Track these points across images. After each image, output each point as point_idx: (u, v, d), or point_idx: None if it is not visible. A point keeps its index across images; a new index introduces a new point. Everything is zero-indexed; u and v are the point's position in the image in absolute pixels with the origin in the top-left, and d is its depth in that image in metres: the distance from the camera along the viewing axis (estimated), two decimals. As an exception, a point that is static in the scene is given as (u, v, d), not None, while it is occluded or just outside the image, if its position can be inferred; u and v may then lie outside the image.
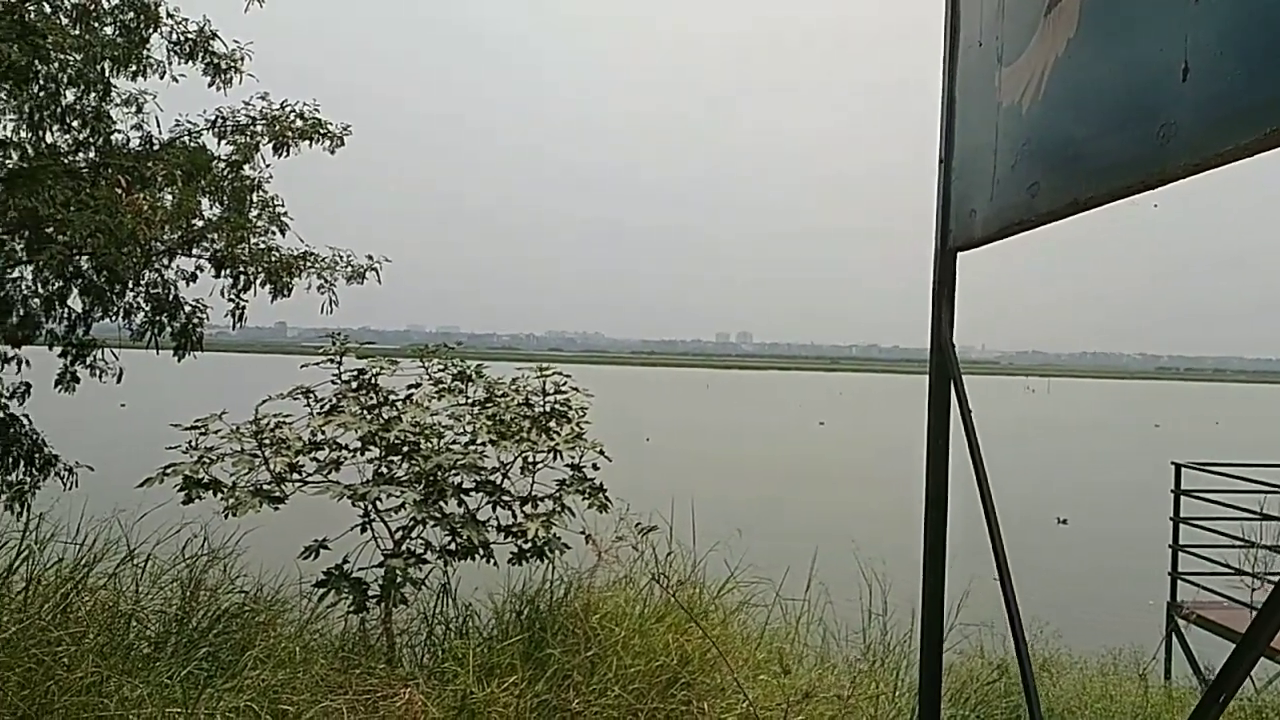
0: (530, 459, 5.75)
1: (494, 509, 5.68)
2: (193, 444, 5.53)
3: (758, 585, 5.84)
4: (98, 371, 10.72)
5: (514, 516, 5.64)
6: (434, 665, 5.15)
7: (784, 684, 5.01)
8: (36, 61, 9.68)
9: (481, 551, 5.57)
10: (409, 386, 6.07)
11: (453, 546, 5.53)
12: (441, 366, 6.21)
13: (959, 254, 3.13)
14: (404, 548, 5.52)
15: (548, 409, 5.99)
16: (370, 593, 5.35)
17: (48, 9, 9.69)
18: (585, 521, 5.61)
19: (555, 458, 5.80)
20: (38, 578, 4.71)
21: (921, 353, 3.25)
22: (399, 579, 5.32)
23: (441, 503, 5.56)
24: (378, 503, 5.43)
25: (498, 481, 5.75)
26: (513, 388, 6.11)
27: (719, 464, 31.62)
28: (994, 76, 2.75)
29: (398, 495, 5.37)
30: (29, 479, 10.11)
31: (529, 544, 5.48)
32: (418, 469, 5.55)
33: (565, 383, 6.11)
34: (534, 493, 5.72)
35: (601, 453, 5.79)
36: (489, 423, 5.74)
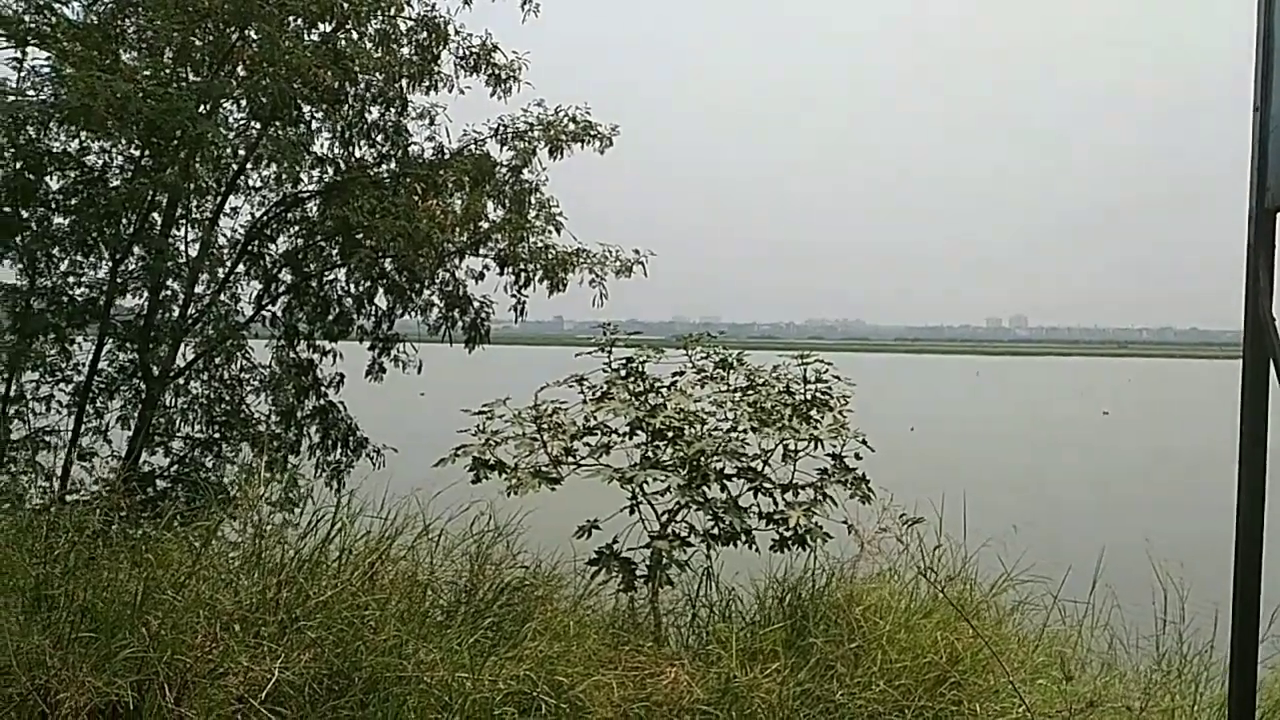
0: (791, 447, 5.75)
1: (755, 495, 5.72)
2: (480, 428, 5.98)
3: (1034, 585, 5.49)
4: (401, 363, 11.90)
5: (775, 504, 5.66)
6: (698, 646, 5.26)
7: (1065, 690, 4.68)
8: (347, 84, 10.83)
9: (744, 537, 5.63)
10: (673, 374, 6.24)
11: (715, 531, 5.63)
12: (704, 355, 6.33)
13: (1280, 214, 2.75)
14: (669, 530, 5.68)
15: (809, 397, 5.96)
16: (638, 572, 5.57)
17: (354, 35, 10.79)
18: (847, 511, 5.53)
19: (816, 446, 5.76)
20: (349, 548, 5.24)
21: (1223, 335, 2.90)
22: (665, 560, 5.50)
23: (705, 487, 5.68)
24: (644, 485, 5.63)
25: (759, 468, 5.79)
26: (774, 375, 6.13)
27: (990, 456, 29.96)
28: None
29: (663, 479, 5.55)
30: (344, 459, 11.39)
31: (790, 531, 5.49)
32: (682, 454, 5.70)
33: (826, 370, 6.05)
34: (795, 481, 5.71)
35: (864, 442, 5.69)
36: (750, 410, 5.79)
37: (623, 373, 6.17)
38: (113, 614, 4.17)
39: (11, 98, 9.64)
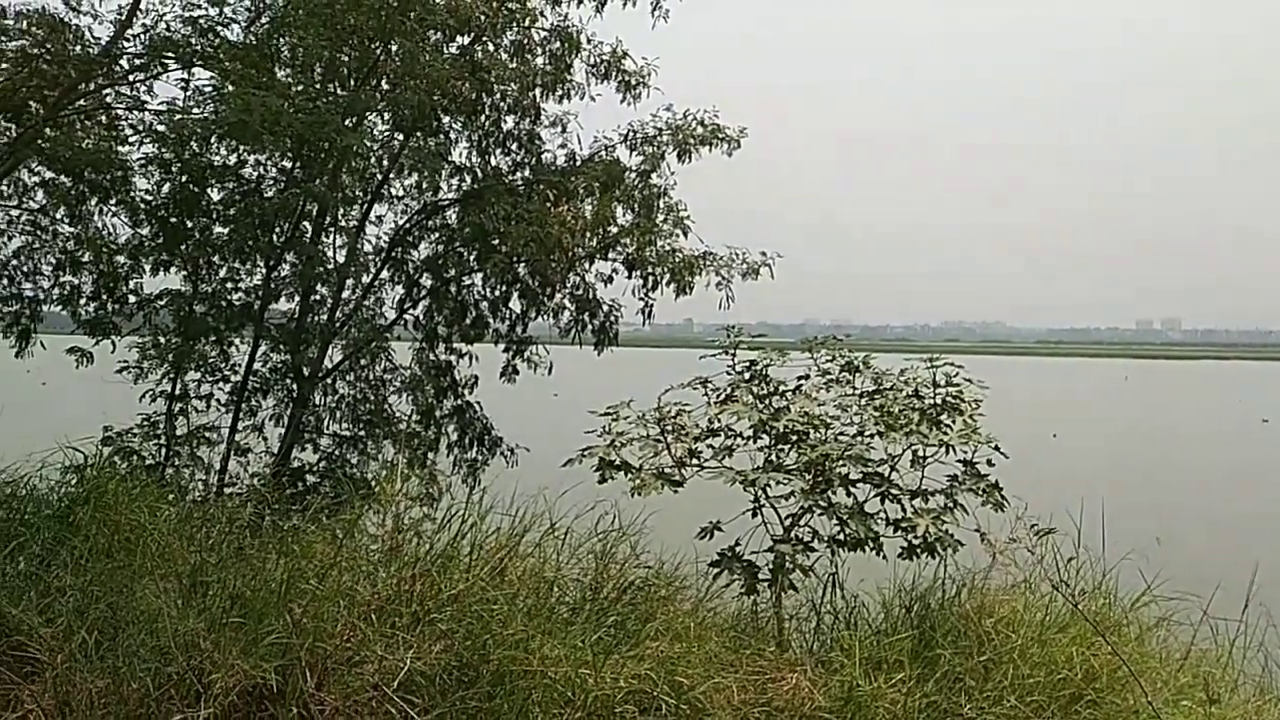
0: (919, 452, 5.62)
1: (882, 501, 5.62)
2: (606, 429, 6.08)
3: (1180, 601, 5.19)
4: (533, 365, 12.21)
5: (903, 510, 5.53)
6: (821, 653, 5.19)
7: (1211, 714, 4.41)
8: (484, 95, 11.20)
9: (870, 544, 5.54)
10: (798, 378, 6.18)
11: (841, 536, 5.56)
12: (829, 358, 6.25)
13: None
14: (792, 534, 5.64)
15: (938, 401, 5.80)
16: (760, 576, 5.55)
17: (490, 47, 11.13)
18: (978, 520, 5.36)
19: (947, 452, 5.61)
20: (480, 544, 5.40)
21: None
22: (788, 565, 5.46)
23: (829, 492, 5.61)
24: (767, 489, 5.60)
25: (885, 474, 5.67)
26: (901, 379, 6.00)
27: (1136, 465, 28.34)
28: None
29: (786, 483, 5.51)
30: (479, 457, 11.77)
31: (919, 539, 5.36)
32: (806, 458, 5.65)
33: (957, 374, 5.88)
34: (924, 487, 5.58)
35: (997, 448, 5.50)
36: (876, 414, 5.69)
37: (746, 375, 6.16)
38: (260, 601, 4.43)
39: (178, 115, 10.36)
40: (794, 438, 5.80)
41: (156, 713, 3.91)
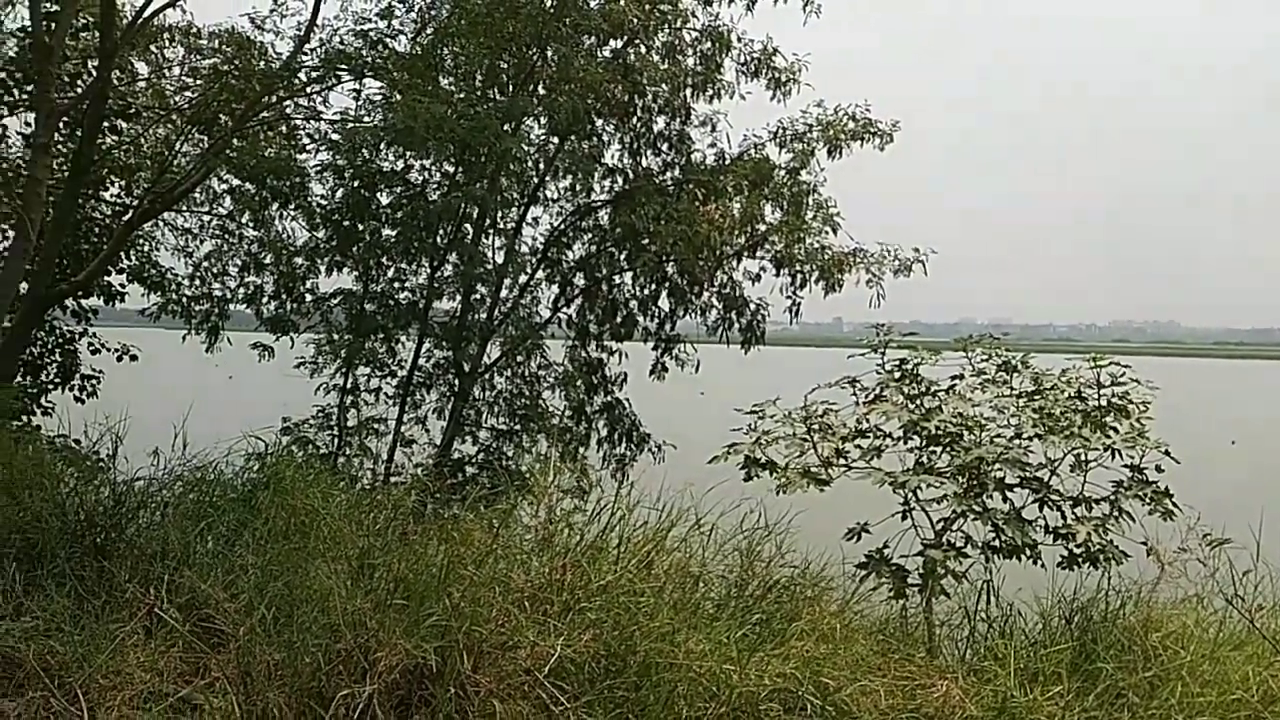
0: (1082, 456, 5.37)
1: (1040, 508, 5.40)
2: (752, 427, 6.09)
3: (1378, 621, 4.78)
4: (680, 362, 12.34)
5: (1062, 517, 5.31)
6: (974, 662, 5.04)
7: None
8: (635, 97, 11.39)
9: (1028, 552, 5.34)
10: (951, 377, 6.02)
11: (996, 543, 5.38)
12: (985, 357, 6.05)
13: None
14: (944, 539, 5.50)
15: (1103, 402, 5.53)
16: (910, 580, 5.43)
17: (642, 50, 11.31)
18: (1145, 529, 5.08)
19: (1112, 456, 5.34)
20: (628, 537, 5.50)
21: None
22: (939, 570, 5.32)
23: (984, 497, 5.44)
24: (918, 492, 5.48)
25: (1045, 479, 5.45)
26: (1063, 379, 5.74)
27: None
28: None
29: (938, 486, 5.38)
30: (628, 453, 11.99)
31: (1079, 548, 5.13)
32: (959, 461, 5.49)
33: (1124, 373, 5.58)
34: (1085, 493, 5.33)
35: (1167, 453, 5.19)
36: (1035, 416, 5.47)
37: (896, 375, 6.04)
38: (422, 584, 4.65)
39: (351, 124, 11.01)
40: (947, 439, 5.65)
41: (326, 686, 4.16)
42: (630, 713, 4.17)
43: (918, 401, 5.87)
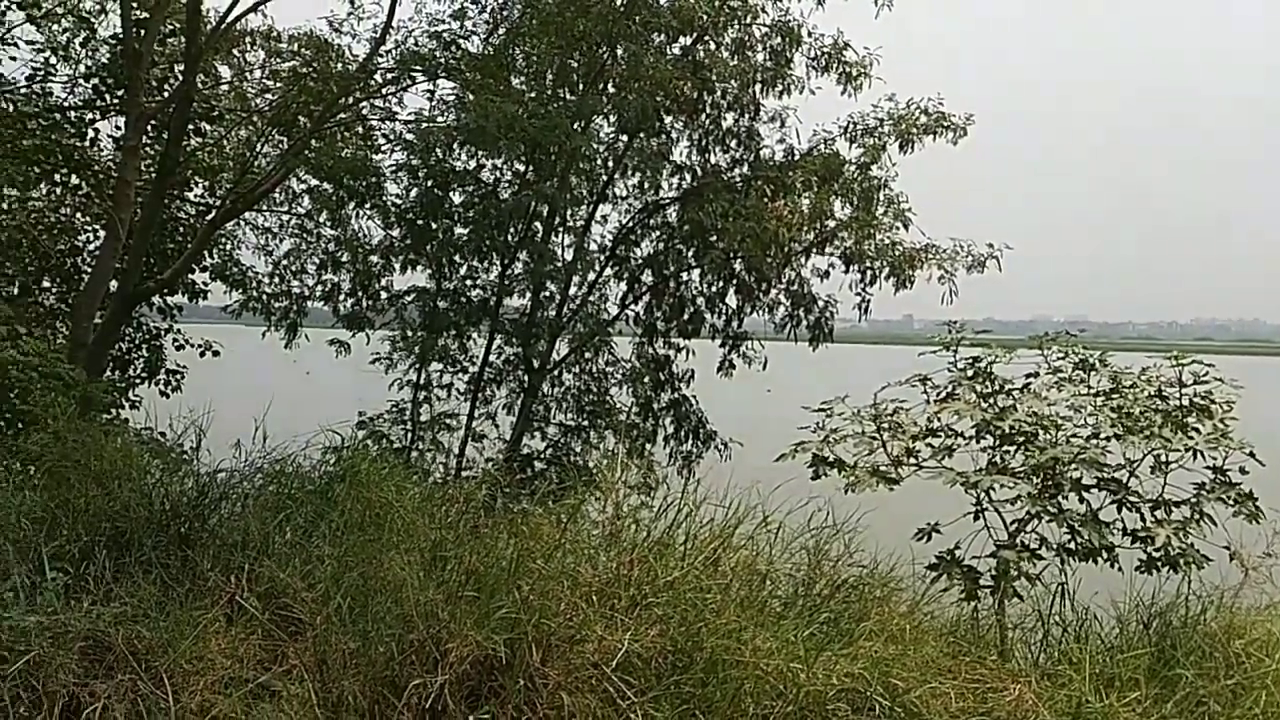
0: (1162, 457, 5.22)
1: (1118, 510, 5.27)
2: (820, 425, 6.05)
3: None
4: (748, 360, 12.31)
5: (1141, 520, 5.17)
6: (1047, 666, 4.95)
7: None
8: (704, 94, 11.38)
9: (1105, 555, 5.21)
10: (1026, 376, 5.90)
11: (1071, 545, 5.26)
12: (1061, 354, 5.91)
13: None
14: (1018, 540, 5.40)
15: (1184, 402, 5.36)
16: (982, 582, 5.34)
17: (711, 46, 11.29)
18: (1228, 533, 4.92)
19: (1194, 458, 5.19)
20: (695, 533, 5.51)
21: None
22: (1012, 572, 5.23)
23: (1059, 498, 5.33)
24: (990, 492, 5.39)
25: (1123, 480, 5.32)
26: (1142, 378, 5.58)
27: None
28: None
29: (1011, 486, 5.28)
30: (694, 450, 12.00)
31: (1159, 552, 4.99)
32: (1034, 461, 5.38)
33: (1206, 372, 5.40)
34: (1166, 495, 5.18)
35: (1252, 454, 5.02)
36: (1113, 415, 5.33)
37: (969, 373, 5.93)
38: (492, 577, 4.73)
39: (425, 124, 11.21)
40: (1021, 439, 5.54)
41: (400, 675, 4.26)
42: (697, 709, 4.18)
43: (991, 400, 5.76)
